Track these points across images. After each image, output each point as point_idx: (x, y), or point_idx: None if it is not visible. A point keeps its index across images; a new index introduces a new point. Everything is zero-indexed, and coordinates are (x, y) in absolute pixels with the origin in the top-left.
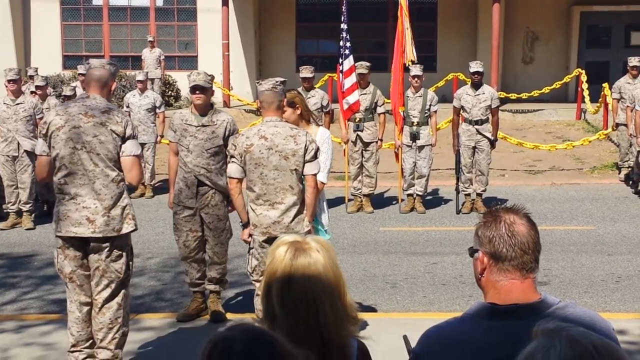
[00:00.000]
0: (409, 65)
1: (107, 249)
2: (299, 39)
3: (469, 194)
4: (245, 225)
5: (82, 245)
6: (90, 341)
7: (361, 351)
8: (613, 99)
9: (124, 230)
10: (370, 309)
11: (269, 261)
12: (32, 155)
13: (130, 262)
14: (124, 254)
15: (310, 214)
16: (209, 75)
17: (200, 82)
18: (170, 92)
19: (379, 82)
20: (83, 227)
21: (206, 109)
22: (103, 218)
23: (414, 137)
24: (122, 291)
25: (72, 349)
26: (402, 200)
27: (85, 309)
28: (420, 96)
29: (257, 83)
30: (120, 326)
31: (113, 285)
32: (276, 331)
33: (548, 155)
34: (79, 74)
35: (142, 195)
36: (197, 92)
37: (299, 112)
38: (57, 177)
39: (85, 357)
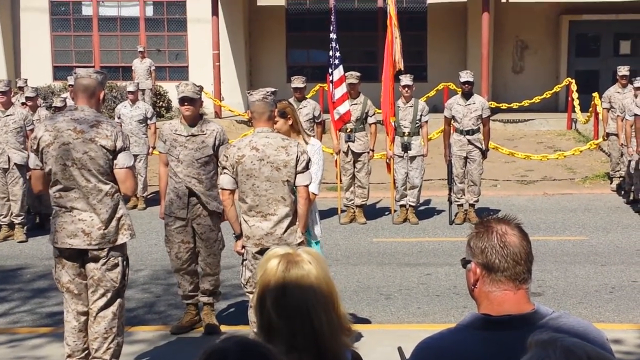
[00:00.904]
0: (399, 75)
1: (104, 257)
2: (290, 49)
3: (461, 205)
4: (238, 236)
5: (79, 255)
6: (86, 352)
7: None
8: (603, 108)
9: (119, 241)
10: (365, 321)
11: (261, 274)
12: (22, 168)
13: (126, 271)
14: (120, 263)
15: (303, 225)
16: (198, 86)
17: (188, 93)
18: (161, 102)
19: (369, 92)
20: (78, 240)
21: (195, 119)
22: (99, 232)
23: (406, 147)
24: (118, 300)
25: (68, 359)
26: (395, 211)
27: (83, 318)
28: (411, 106)
29: (248, 93)
30: (115, 336)
31: (109, 295)
32: (274, 342)
33: (540, 165)
34: (69, 85)
35: (135, 207)
36: (186, 103)
37: (290, 122)
38: (52, 190)
39: None
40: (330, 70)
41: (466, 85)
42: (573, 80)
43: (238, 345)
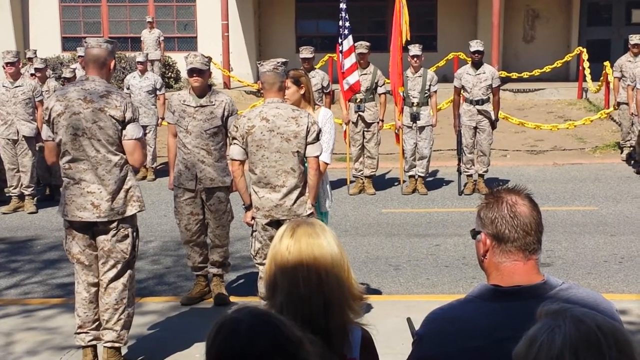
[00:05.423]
0: (407, 45)
1: (113, 229)
2: (299, 19)
3: (470, 175)
4: (248, 207)
5: (89, 227)
6: (97, 323)
7: (365, 340)
8: (614, 77)
9: (128, 213)
10: (374, 292)
11: (273, 242)
12: (31, 140)
13: (136, 243)
14: (130, 234)
15: (313, 197)
16: (206, 57)
17: (197, 64)
18: (170, 73)
19: (379, 62)
20: (88, 212)
21: (204, 90)
22: (107, 203)
23: (414, 118)
24: (128, 272)
25: (79, 330)
26: (404, 181)
27: (93, 289)
28: (420, 76)
29: (259, 64)
30: (126, 307)
31: (119, 266)
32: (279, 303)
33: (550, 135)
34: (79, 56)
35: (144, 178)
36: (195, 74)
37: (302, 91)
38: (62, 161)
39: (92, 339)
40: (339, 41)
41: (476, 55)
42: (584, 50)
43: (250, 316)
